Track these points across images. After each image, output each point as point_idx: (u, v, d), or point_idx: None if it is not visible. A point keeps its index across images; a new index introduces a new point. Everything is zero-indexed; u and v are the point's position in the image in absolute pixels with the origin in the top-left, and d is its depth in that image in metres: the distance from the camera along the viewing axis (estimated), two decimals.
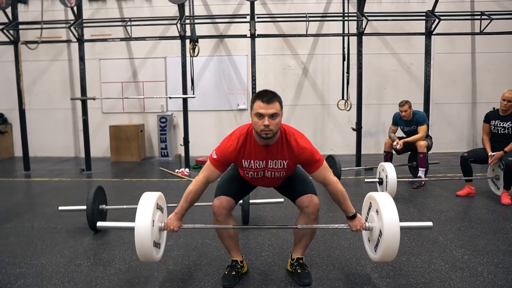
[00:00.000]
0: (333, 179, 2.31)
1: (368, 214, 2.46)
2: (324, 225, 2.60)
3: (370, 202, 2.45)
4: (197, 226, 2.51)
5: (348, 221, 2.38)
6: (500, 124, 4.19)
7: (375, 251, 2.35)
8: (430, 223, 2.42)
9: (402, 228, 2.23)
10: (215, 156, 2.29)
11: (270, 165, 2.30)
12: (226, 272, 2.50)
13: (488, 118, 4.33)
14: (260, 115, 2.13)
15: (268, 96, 2.14)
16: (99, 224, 2.55)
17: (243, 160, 2.29)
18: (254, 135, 2.25)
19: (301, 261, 2.52)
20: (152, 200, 2.27)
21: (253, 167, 2.30)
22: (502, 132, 4.18)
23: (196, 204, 3.78)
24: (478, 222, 3.56)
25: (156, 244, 2.32)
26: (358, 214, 2.38)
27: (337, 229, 2.52)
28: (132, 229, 2.22)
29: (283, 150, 2.26)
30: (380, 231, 2.24)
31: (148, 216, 2.18)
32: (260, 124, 2.13)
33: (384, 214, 2.21)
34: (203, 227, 2.58)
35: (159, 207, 2.37)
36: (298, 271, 2.48)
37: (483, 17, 6.20)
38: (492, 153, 4.18)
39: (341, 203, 2.33)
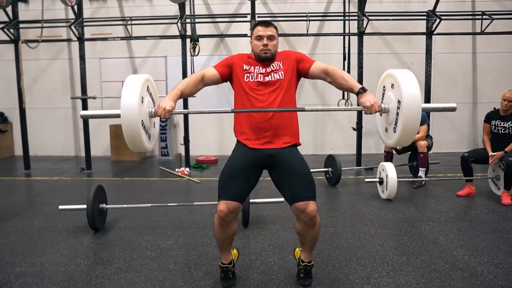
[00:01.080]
0: (331, 65, 2.36)
1: (383, 100, 2.23)
2: (335, 107, 2.55)
3: (384, 85, 2.23)
4: (191, 111, 2.57)
5: (359, 98, 2.21)
6: (500, 124, 4.18)
7: (394, 132, 2.09)
8: (454, 104, 2.13)
9: (424, 109, 2.03)
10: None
11: (269, 69, 2.35)
12: (222, 275, 2.49)
13: (488, 118, 4.33)
14: (259, 37, 2.32)
15: (267, 22, 2.37)
16: (82, 113, 2.24)
17: (244, 64, 2.36)
18: (254, 58, 2.39)
19: (308, 267, 2.45)
20: (141, 80, 2.07)
21: (252, 71, 2.34)
22: (502, 132, 4.17)
23: (196, 203, 3.80)
24: (478, 222, 3.56)
25: (146, 130, 2.11)
26: (368, 91, 2.22)
27: (350, 110, 2.49)
28: (118, 116, 1.99)
29: (278, 58, 2.38)
30: (399, 101, 1.99)
31: (135, 91, 1.96)
32: (259, 45, 2.31)
33: (402, 84, 1.98)
34: (196, 112, 2.56)
35: (149, 92, 2.21)
36: (301, 275, 2.47)
37: (484, 17, 6.20)
38: (493, 153, 4.17)
39: (346, 81, 2.28)
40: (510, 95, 4.10)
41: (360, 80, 6.21)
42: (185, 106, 6.42)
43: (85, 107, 6.45)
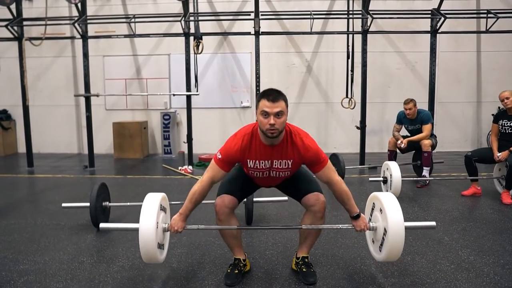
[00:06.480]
0: (338, 179, 2.31)
1: (371, 215, 2.46)
2: (328, 225, 2.58)
3: (374, 202, 2.45)
4: (201, 227, 2.47)
5: (352, 221, 2.38)
6: (507, 123, 4.16)
7: (380, 251, 2.33)
8: (433, 223, 2.45)
9: (407, 228, 2.23)
10: (219, 156, 2.27)
11: (275, 165, 2.29)
12: (228, 271, 2.49)
13: (496, 118, 4.31)
14: (266, 114, 2.12)
15: (274, 95, 2.14)
16: (102, 225, 2.51)
17: (248, 160, 2.28)
18: (260, 134, 2.25)
19: (306, 260, 2.51)
20: (156, 202, 2.26)
21: (258, 167, 2.30)
22: (509, 131, 4.16)
23: None
24: (483, 222, 3.53)
25: (160, 246, 2.31)
26: (362, 214, 2.38)
27: (341, 229, 2.51)
28: (136, 230, 2.21)
29: (288, 149, 2.26)
30: (385, 229, 2.24)
31: (152, 218, 2.17)
32: (265, 123, 2.13)
33: (388, 213, 2.21)
34: (207, 228, 2.57)
35: (162, 208, 2.36)
36: (304, 270, 2.46)
37: (489, 15, 6.16)
38: (498, 154, 4.15)
39: (345, 203, 2.34)
40: (506, 94, 4.10)
41: (364, 78, 6.18)
42: (188, 103, 6.41)
43: (88, 104, 6.44)
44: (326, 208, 2.42)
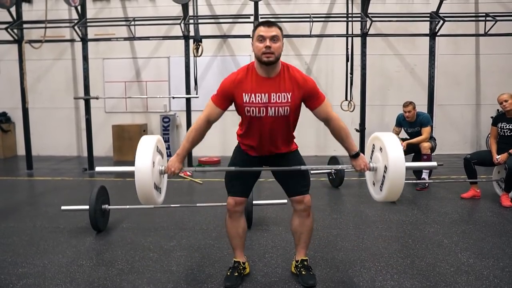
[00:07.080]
0: (335, 115, 2.30)
1: (372, 157, 2.42)
2: (329, 166, 2.57)
3: (373, 144, 2.41)
4: (198, 169, 2.52)
5: (351, 160, 2.35)
6: (506, 126, 4.17)
7: (380, 190, 2.30)
8: (435, 163, 2.46)
9: (408, 168, 2.22)
10: (215, 93, 2.29)
11: (273, 99, 2.21)
12: (228, 273, 2.49)
13: (495, 120, 4.31)
14: (262, 38, 2.13)
15: (269, 22, 2.19)
16: (98, 169, 2.48)
17: (244, 94, 2.21)
18: (256, 67, 2.22)
19: (305, 262, 2.51)
20: (152, 143, 2.24)
21: (255, 101, 2.21)
22: (508, 134, 4.16)
23: (198, 204, 3.78)
24: (483, 225, 3.53)
25: (157, 188, 2.28)
26: (361, 154, 2.35)
27: (341, 170, 2.47)
28: (132, 174, 2.19)
29: (285, 82, 2.21)
30: (385, 166, 2.21)
31: (148, 157, 2.15)
32: (261, 47, 2.12)
33: (389, 151, 2.19)
34: (204, 170, 2.60)
35: (158, 151, 2.34)
36: (303, 273, 2.46)
37: (487, 18, 6.17)
38: (498, 157, 4.15)
39: (343, 140, 2.31)
40: (505, 97, 4.11)
41: (363, 81, 6.19)
42: (188, 106, 6.41)
43: (87, 107, 6.44)
44: (323, 211, 2.41)
